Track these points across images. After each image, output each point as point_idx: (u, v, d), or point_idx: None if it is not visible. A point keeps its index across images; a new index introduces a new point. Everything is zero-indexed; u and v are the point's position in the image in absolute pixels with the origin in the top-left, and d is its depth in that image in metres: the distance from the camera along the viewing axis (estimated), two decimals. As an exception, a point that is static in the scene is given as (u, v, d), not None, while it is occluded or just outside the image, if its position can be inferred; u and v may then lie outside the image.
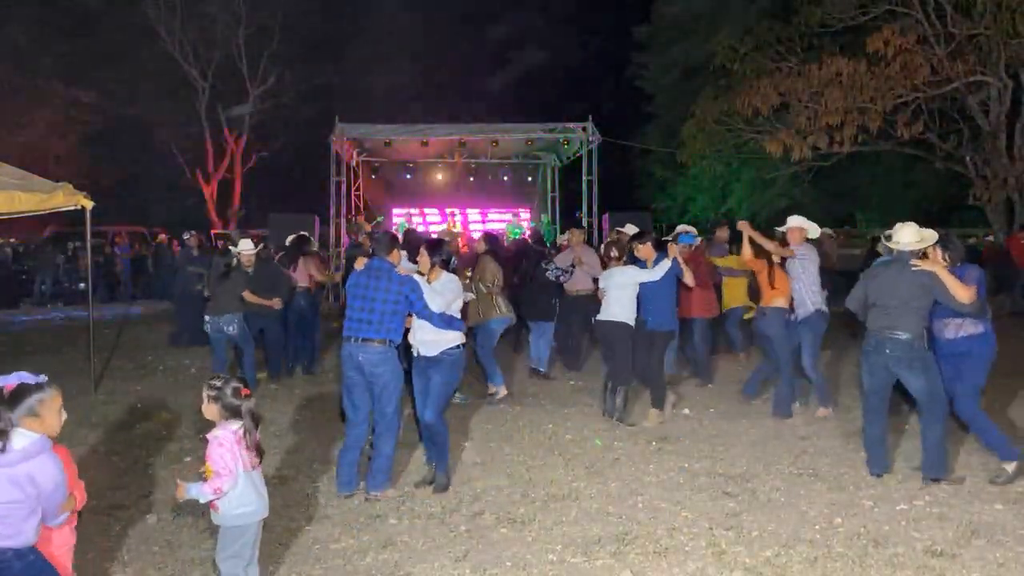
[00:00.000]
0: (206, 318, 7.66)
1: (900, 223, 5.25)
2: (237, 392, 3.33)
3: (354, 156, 18.49)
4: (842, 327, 11.04)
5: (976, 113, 15.79)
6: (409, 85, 29.14)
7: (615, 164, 22.94)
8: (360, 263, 5.07)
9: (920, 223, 5.30)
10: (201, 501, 3.26)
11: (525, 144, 17.82)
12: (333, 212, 16.37)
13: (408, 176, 20.04)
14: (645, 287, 6.57)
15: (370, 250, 5.57)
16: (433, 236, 8.46)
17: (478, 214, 19.95)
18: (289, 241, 9.23)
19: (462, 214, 19.43)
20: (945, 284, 4.84)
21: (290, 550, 4.20)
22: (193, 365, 9.35)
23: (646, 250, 6.70)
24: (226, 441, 3.25)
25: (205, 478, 3.24)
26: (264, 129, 27.90)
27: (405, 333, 5.14)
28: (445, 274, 5.11)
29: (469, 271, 7.73)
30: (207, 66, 26.66)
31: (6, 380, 2.82)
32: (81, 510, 3.06)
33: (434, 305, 4.88)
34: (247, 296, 7.74)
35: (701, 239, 9.53)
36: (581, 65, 31.22)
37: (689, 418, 6.83)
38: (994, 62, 14.81)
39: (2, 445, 2.70)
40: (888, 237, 5.25)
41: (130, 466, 5.57)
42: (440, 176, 20.14)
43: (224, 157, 28.01)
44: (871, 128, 15.02)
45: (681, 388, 7.82)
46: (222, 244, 13.31)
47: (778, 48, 16.90)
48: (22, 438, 2.75)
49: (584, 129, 16.00)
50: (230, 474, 3.23)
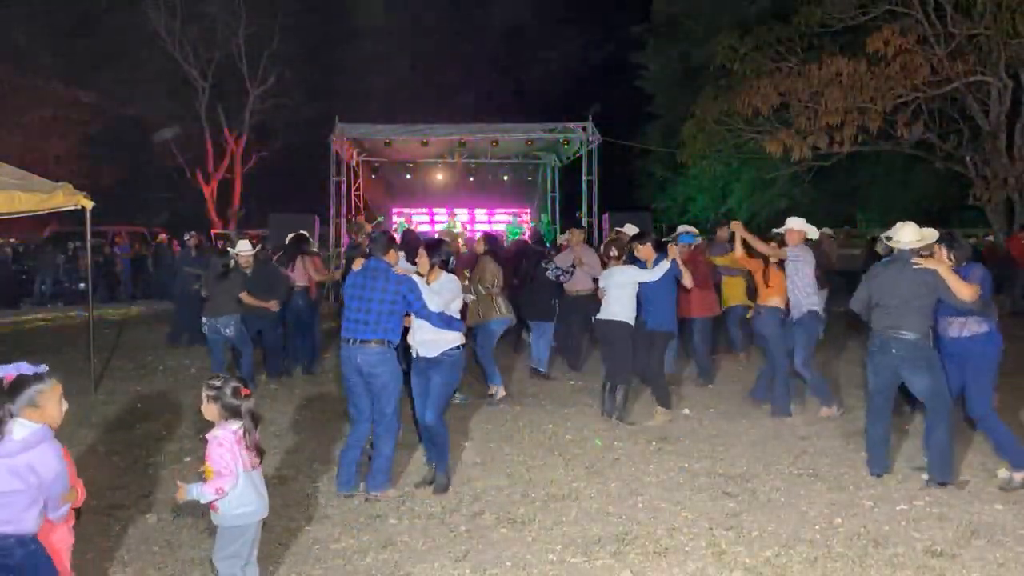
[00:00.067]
0: (203, 320, 7.67)
1: (900, 223, 5.24)
2: (236, 392, 3.32)
3: (354, 156, 18.49)
4: (842, 327, 11.05)
5: (976, 113, 15.79)
6: (409, 85, 29.14)
7: (615, 164, 22.91)
8: (358, 264, 5.08)
9: (920, 223, 5.30)
10: (202, 502, 3.24)
11: (525, 144, 17.82)
12: (333, 212, 16.38)
13: (408, 176, 20.05)
14: (645, 287, 6.56)
15: (367, 251, 5.56)
16: (433, 236, 8.45)
17: (484, 214, 19.95)
18: (287, 241, 9.23)
19: (469, 214, 19.44)
20: (947, 282, 4.83)
21: (290, 550, 4.20)
22: (193, 365, 9.36)
23: (646, 251, 6.70)
24: (226, 441, 3.24)
25: (205, 478, 3.23)
26: (264, 129, 27.90)
27: (404, 334, 5.14)
28: (444, 274, 5.10)
29: (467, 271, 7.73)
30: (207, 66, 26.65)
31: (6, 371, 2.82)
32: (81, 510, 3.06)
33: (432, 305, 4.87)
34: (244, 298, 7.73)
35: (702, 239, 9.54)
36: (581, 65, 31.21)
37: (689, 418, 6.83)
38: (994, 62, 14.80)
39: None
40: (888, 238, 5.25)
41: (130, 466, 5.57)
42: (440, 176, 20.13)
43: (224, 157, 28.01)
44: (871, 128, 15.01)
45: (681, 388, 7.82)
46: (221, 244, 13.32)
47: (778, 48, 16.89)
48: (22, 428, 2.76)
49: (584, 129, 16.00)
50: (231, 474, 3.22)
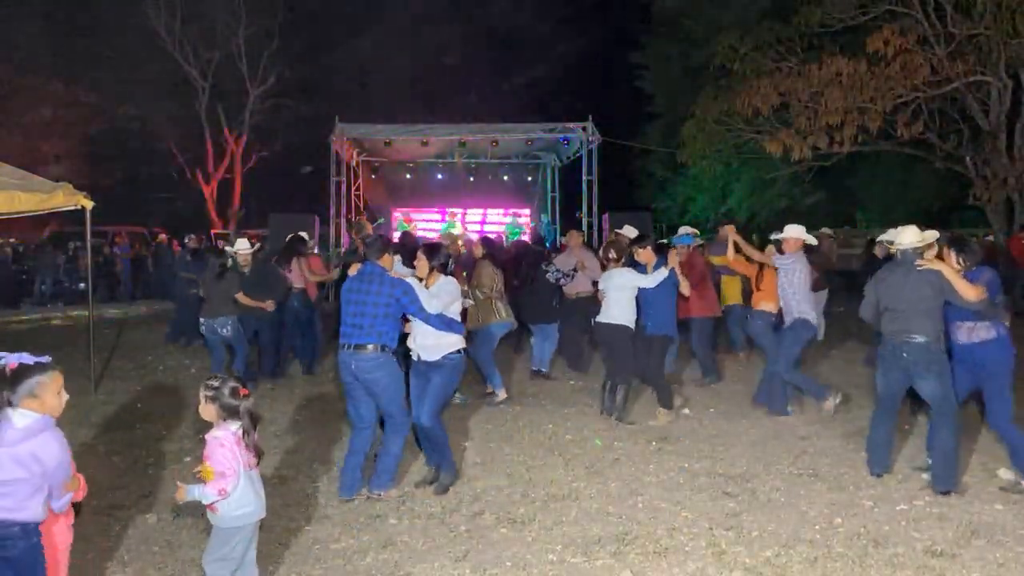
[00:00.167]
0: (201, 320, 7.68)
1: (900, 227, 5.24)
2: (235, 392, 3.30)
3: (354, 156, 18.49)
4: (842, 327, 11.05)
5: (976, 113, 15.78)
6: (409, 85, 29.12)
7: (615, 164, 22.91)
8: (354, 269, 5.08)
9: (920, 223, 5.30)
10: (204, 503, 3.22)
11: (525, 144, 17.82)
12: (333, 212, 16.38)
13: (408, 176, 20.04)
14: (644, 291, 6.58)
15: (363, 255, 5.56)
16: (432, 238, 8.43)
17: (485, 214, 19.95)
18: (284, 243, 9.25)
19: (462, 215, 19.42)
20: (951, 283, 4.83)
21: (290, 550, 4.20)
22: (193, 365, 9.36)
23: (646, 254, 6.71)
24: (227, 441, 3.23)
25: (201, 479, 3.21)
26: (264, 129, 27.90)
27: (404, 338, 5.14)
28: (442, 277, 5.10)
29: (465, 273, 7.72)
30: (207, 66, 26.63)
31: (8, 359, 2.83)
32: (81, 507, 3.06)
33: (431, 307, 4.87)
34: (240, 298, 7.73)
35: (702, 240, 9.55)
36: (581, 65, 31.17)
37: (689, 418, 6.83)
38: (994, 62, 14.79)
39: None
40: (890, 243, 5.23)
41: (130, 466, 5.57)
42: (440, 176, 20.13)
43: (224, 157, 28.00)
44: (871, 128, 15.00)
45: (681, 388, 7.81)
46: (220, 244, 13.32)
47: (778, 48, 16.88)
48: (23, 417, 2.77)
49: (584, 129, 16.00)
50: (234, 474, 3.20)
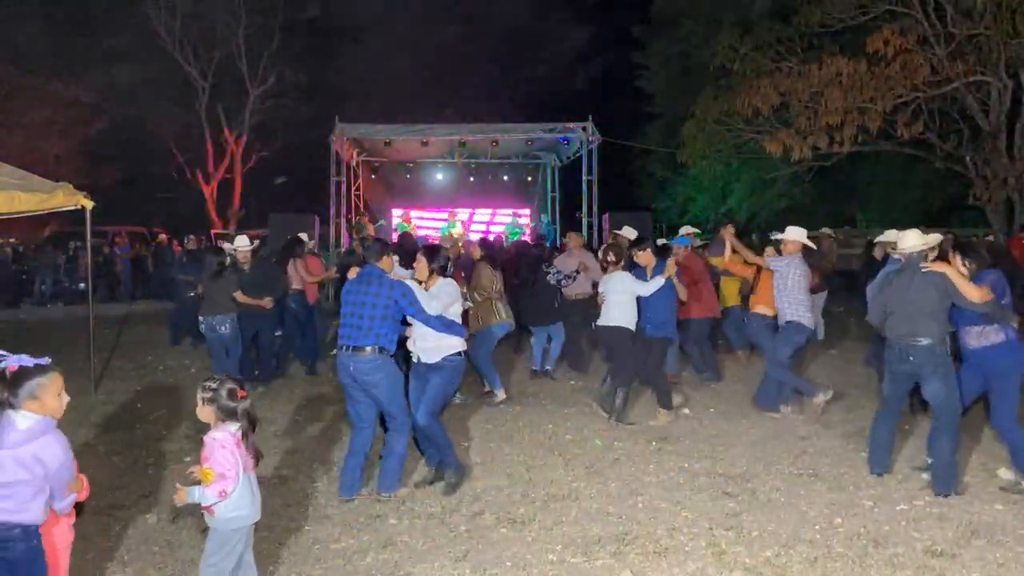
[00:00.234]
0: (200, 318, 7.67)
1: (896, 230, 5.26)
2: (233, 394, 3.28)
3: (354, 156, 18.47)
4: (842, 328, 11.05)
5: (976, 113, 15.76)
6: (409, 85, 29.12)
7: (615, 164, 22.89)
8: (353, 272, 5.09)
9: (920, 223, 5.33)
10: (204, 504, 3.20)
11: (525, 144, 17.81)
12: (333, 212, 16.36)
13: (408, 176, 20.03)
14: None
15: (362, 258, 5.56)
16: (430, 240, 8.42)
17: (485, 214, 19.96)
18: (283, 245, 9.26)
19: (469, 214, 19.44)
20: (955, 284, 4.83)
21: (290, 550, 4.20)
22: (193, 365, 9.36)
23: (645, 256, 6.74)
24: (227, 443, 3.21)
25: (199, 480, 3.18)
26: (264, 129, 27.90)
27: (404, 341, 5.13)
28: (441, 278, 5.11)
29: (463, 274, 7.71)
30: (207, 66, 26.65)
31: (8, 361, 2.83)
32: (82, 506, 3.06)
33: (431, 309, 4.87)
34: (238, 297, 7.71)
35: (702, 241, 9.56)
36: (581, 65, 31.24)
37: (689, 418, 6.83)
38: (994, 62, 14.77)
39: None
40: (892, 244, 5.24)
41: (130, 466, 5.58)
42: (440, 176, 20.12)
43: (224, 157, 28.00)
44: (871, 128, 14.99)
45: (681, 388, 7.81)
46: (220, 244, 13.32)
47: (778, 48, 16.86)
48: (25, 419, 2.77)
49: (584, 129, 15.99)
50: (234, 476, 3.18)
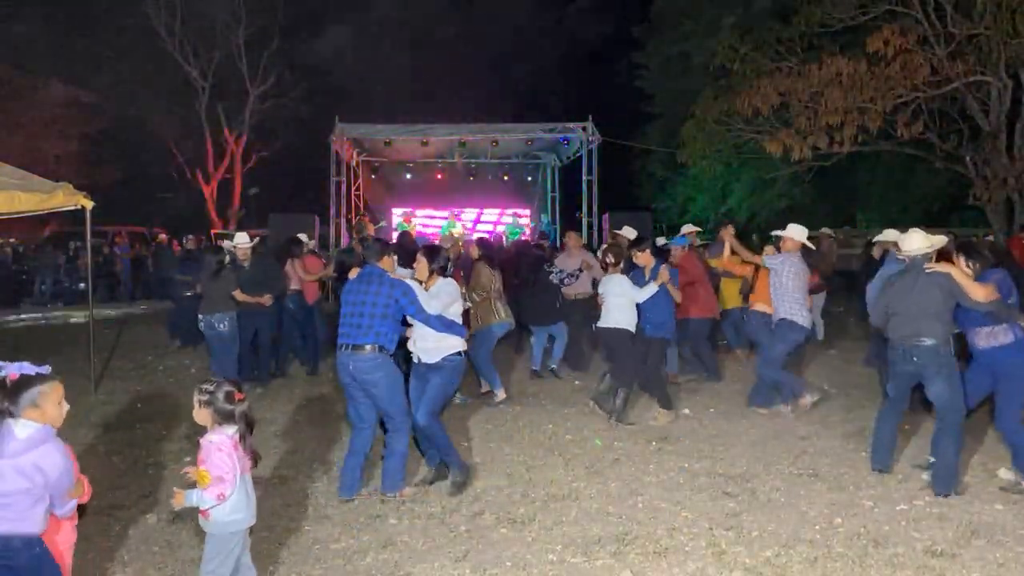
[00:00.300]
0: (199, 316, 7.65)
1: (899, 231, 5.26)
2: (230, 396, 3.24)
3: (354, 156, 18.48)
4: (842, 328, 11.05)
5: (976, 113, 15.76)
6: (409, 85, 29.12)
7: (615, 164, 22.88)
8: (354, 272, 5.09)
9: (920, 223, 5.34)
10: (202, 508, 3.17)
11: (525, 144, 17.81)
12: (333, 212, 16.36)
13: (408, 176, 20.04)
14: None
15: (363, 256, 5.56)
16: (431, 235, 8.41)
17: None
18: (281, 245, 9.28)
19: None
20: (960, 284, 4.83)
21: (290, 550, 4.20)
22: (193, 365, 9.36)
23: (644, 257, 6.76)
24: (224, 446, 3.17)
25: (194, 482, 3.14)
26: (264, 129, 27.90)
27: (405, 342, 5.13)
28: (441, 278, 5.11)
29: (462, 274, 7.71)
30: (207, 66, 26.63)
31: (9, 369, 2.84)
32: (84, 509, 3.07)
33: (431, 308, 4.87)
34: (237, 295, 7.70)
35: (702, 241, 9.56)
36: (581, 65, 31.16)
37: (689, 418, 6.83)
38: (994, 62, 14.76)
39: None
40: (892, 244, 5.25)
41: (130, 466, 5.58)
42: (440, 176, 20.13)
43: (224, 157, 27.99)
44: (871, 128, 14.99)
45: (681, 388, 7.82)
46: (220, 242, 13.33)
47: (778, 48, 16.85)
48: (25, 428, 2.77)
49: (584, 129, 16.00)
50: (232, 479, 3.15)
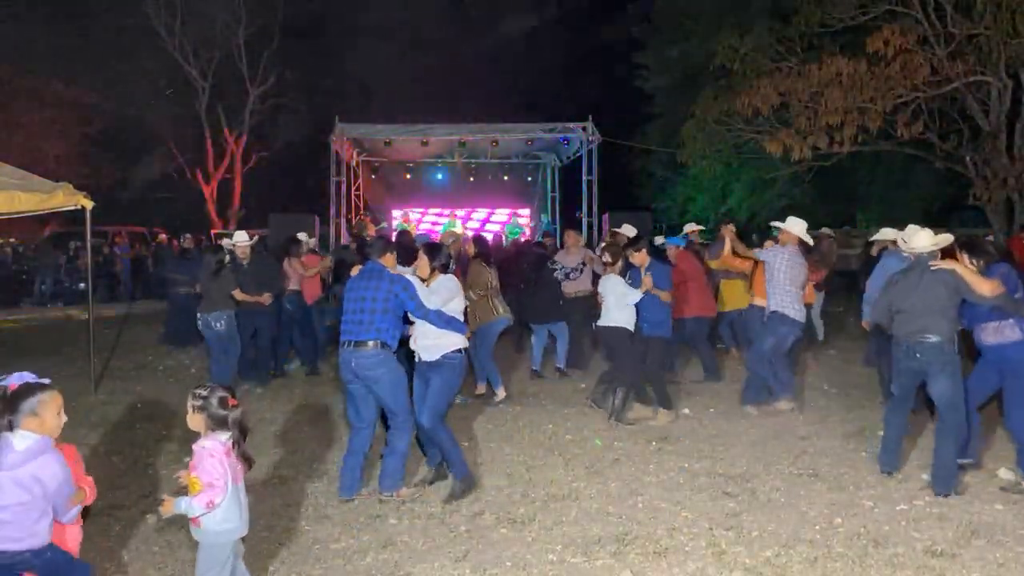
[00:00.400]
0: (198, 315, 7.65)
1: (896, 230, 5.27)
2: (223, 402, 3.18)
3: (354, 156, 18.47)
4: (842, 328, 11.06)
5: (976, 113, 15.76)
6: (409, 85, 29.10)
7: (615, 164, 22.88)
8: (355, 270, 5.10)
9: (920, 223, 5.35)
10: (191, 515, 3.10)
11: (525, 144, 17.81)
12: (333, 212, 16.35)
13: (408, 176, 20.04)
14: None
15: (366, 253, 5.55)
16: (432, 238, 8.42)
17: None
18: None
19: (465, 216, 19.45)
20: (965, 279, 4.83)
21: (290, 550, 4.20)
22: (193, 365, 9.37)
23: (640, 257, 6.79)
24: (216, 452, 3.11)
25: (188, 491, 3.08)
26: (264, 129, 27.88)
27: (407, 341, 5.13)
28: (442, 275, 5.11)
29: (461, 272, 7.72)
30: (207, 66, 26.62)
31: (10, 380, 2.84)
32: (88, 510, 3.07)
33: (429, 304, 4.87)
34: (237, 295, 7.70)
35: (703, 240, 9.57)
36: (581, 65, 31.14)
37: (689, 418, 6.83)
38: (994, 62, 14.76)
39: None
40: (893, 243, 5.26)
41: (130, 466, 5.58)
42: (440, 176, 20.13)
43: (224, 157, 27.98)
44: (871, 128, 14.98)
45: (681, 388, 7.83)
46: (219, 243, 13.34)
47: (778, 48, 16.85)
48: (23, 440, 2.77)
49: (584, 129, 15.99)
50: (223, 487, 3.07)
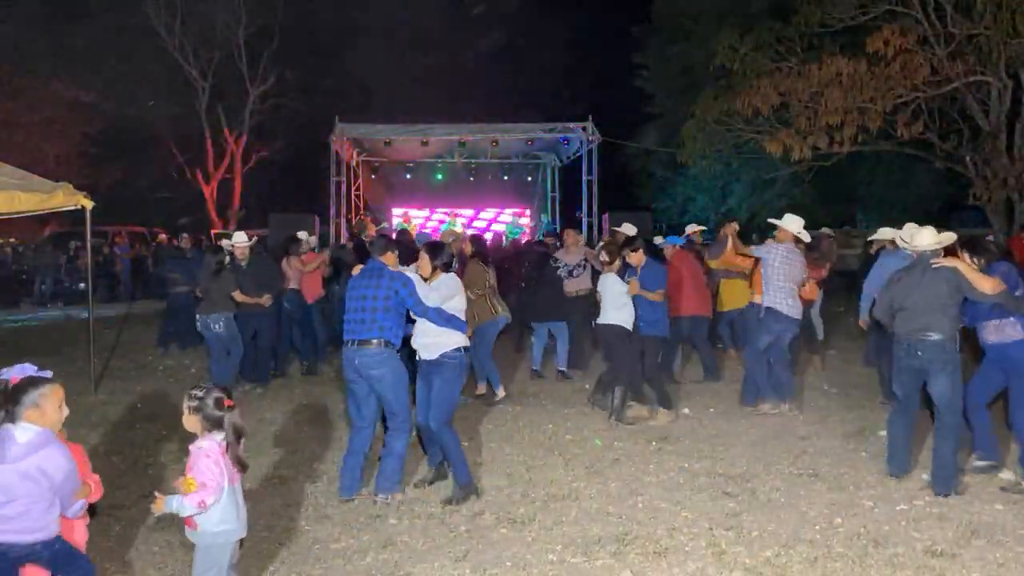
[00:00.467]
0: (197, 316, 7.65)
1: (894, 229, 5.27)
2: (219, 403, 3.16)
3: (354, 156, 18.47)
4: (842, 328, 11.05)
5: (976, 113, 15.76)
6: (409, 85, 29.09)
7: (615, 164, 22.88)
8: (357, 269, 5.10)
9: (920, 223, 5.35)
10: (182, 515, 3.07)
11: (525, 144, 17.81)
12: (333, 212, 16.35)
13: (408, 176, 20.05)
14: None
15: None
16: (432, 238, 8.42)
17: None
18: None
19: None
20: (967, 277, 4.83)
21: (290, 550, 4.20)
22: (193, 365, 9.37)
23: (636, 257, 6.81)
24: (212, 452, 3.09)
25: (183, 491, 3.05)
26: (264, 129, 27.88)
27: (408, 339, 5.13)
28: (444, 274, 5.12)
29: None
30: (207, 66, 26.63)
31: (11, 372, 2.85)
32: (95, 509, 3.09)
33: (429, 301, 4.87)
34: (237, 296, 7.70)
35: (703, 240, 9.58)
36: (581, 65, 31.14)
37: (689, 418, 6.84)
38: (994, 62, 14.76)
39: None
40: (891, 243, 5.26)
41: (130, 466, 5.58)
42: (440, 176, 20.14)
43: (224, 157, 27.98)
44: (871, 128, 14.98)
45: (681, 388, 7.83)
46: (219, 243, 13.35)
47: (778, 48, 16.85)
48: (25, 432, 2.78)
49: (584, 129, 15.99)
50: (217, 487, 3.05)
